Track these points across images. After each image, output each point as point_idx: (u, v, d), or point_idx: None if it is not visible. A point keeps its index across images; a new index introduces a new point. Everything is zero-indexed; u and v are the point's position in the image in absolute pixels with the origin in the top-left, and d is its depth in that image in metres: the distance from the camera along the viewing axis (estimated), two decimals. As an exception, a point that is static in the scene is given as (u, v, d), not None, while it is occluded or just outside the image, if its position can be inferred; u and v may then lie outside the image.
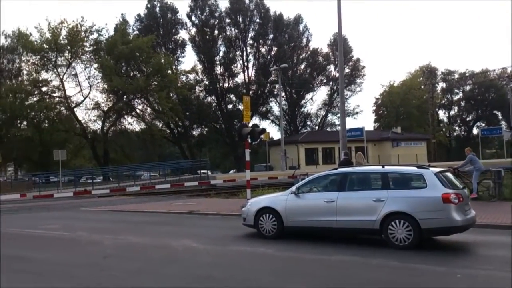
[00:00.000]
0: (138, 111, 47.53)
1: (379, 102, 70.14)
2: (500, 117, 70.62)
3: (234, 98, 56.05)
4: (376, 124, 69.97)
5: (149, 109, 47.75)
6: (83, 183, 33.71)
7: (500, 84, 66.09)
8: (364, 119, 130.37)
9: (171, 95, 46.01)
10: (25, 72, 44.17)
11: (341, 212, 8.88)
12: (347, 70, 57.17)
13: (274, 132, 59.20)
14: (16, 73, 44.53)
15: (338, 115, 50.18)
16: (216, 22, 54.39)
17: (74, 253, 8.96)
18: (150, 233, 11.25)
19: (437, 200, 8.21)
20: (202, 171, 36.43)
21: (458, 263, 7.38)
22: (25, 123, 42.29)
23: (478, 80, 61.73)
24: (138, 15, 53.48)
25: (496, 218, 10.93)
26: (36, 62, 42.78)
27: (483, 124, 69.83)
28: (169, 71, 46.55)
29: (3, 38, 44.38)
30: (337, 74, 49.47)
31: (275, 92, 54.78)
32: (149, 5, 53.52)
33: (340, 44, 21.11)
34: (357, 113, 61.47)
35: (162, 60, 44.61)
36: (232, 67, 55.13)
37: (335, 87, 57.38)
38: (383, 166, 9.59)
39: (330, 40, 58.71)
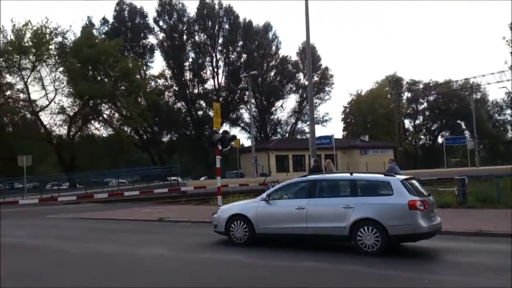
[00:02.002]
0: (105, 116, 46.64)
1: (347, 110, 71.52)
2: (463, 126, 73.19)
3: (204, 104, 55.93)
4: (345, 132, 71.27)
5: (117, 115, 46.92)
6: (49, 190, 32.71)
7: (463, 95, 68.64)
8: (333, 127, 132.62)
9: (140, 100, 45.36)
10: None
11: (311, 219, 8.98)
12: (316, 79, 58.02)
13: (245, 139, 59.36)
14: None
15: (308, 122, 50.98)
16: (184, 28, 54.13)
17: (40, 261, 8.71)
18: (118, 241, 11.07)
19: (404, 207, 8.41)
20: (172, 177, 36.07)
21: (426, 268, 7.57)
22: (-14, 126, 40.77)
23: (442, 90, 63.88)
24: (104, 18, 52.82)
25: (461, 225, 11.29)
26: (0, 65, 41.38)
27: (447, 134, 72.20)
28: (138, 76, 45.97)
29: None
30: (306, 82, 49.97)
31: (245, 99, 54.98)
32: (117, 8, 52.81)
33: (308, 53, 21.49)
34: (326, 120, 62.47)
35: (130, 65, 43.95)
36: (202, 73, 55.07)
37: (304, 95, 58.08)
38: (351, 174, 9.80)
39: (299, 48, 59.64)
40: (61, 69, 42.36)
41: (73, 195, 25.04)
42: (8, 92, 41.61)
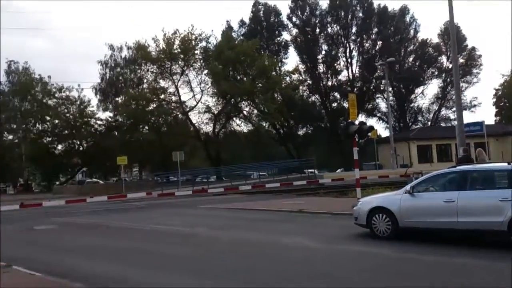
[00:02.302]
0: (245, 113, 49.35)
1: (499, 93, 63.91)
2: None
3: (338, 96, 55.35)
4: (497, 117, 63.89)
5: (255, 111, 49.30)
6: (199, 182, 35.92)
7: None
8: (483, 112, 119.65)
9: (276, 96, 46.96)
10: (145, 81, 48.50)
11: (462, 213, 8.43)
12: (461, 60, 52.94)
13: (382, 129, 57.04)
14: (138, 82, 49.02)
15: (453, 109, 46.94)
16: (317, 21, 54.15)
17: (193, 248, 9.66)
18: (264, 230, 11.71)
19: None
20: (309, 170, 36.60)
21: None
22: (146, 127, 46.31)
23: None
24: (241, 20, 55.39)
25: None
26: (154, 71, 46.81)
27: None
28: (273, 73, 47.56)
29: (125, 50, 49.19)
30: (450, 65, 46.21)
31: (382, 88, 52.90)
32: (253, 9, 55.15)
33: (452, 33, 19.82)
34: (474, 105, 56.60)
35: (266, 62, 45.73)
36: (335, 64, 54.47)
37: (448, 79, 53.62)
38: (509, 163, 8.89)
39: (441, 29, 55.02)
40: (205, 71, 46.14)
41: (221, 187, 27.10)
42: (162, 96, 46.68)
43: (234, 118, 49.12)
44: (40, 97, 48.10)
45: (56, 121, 48.51)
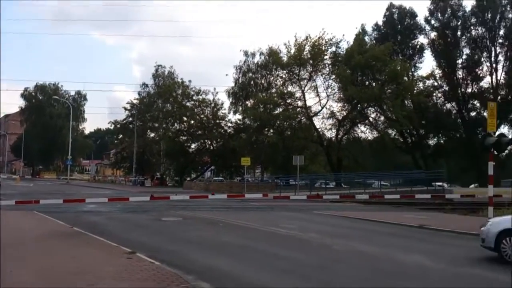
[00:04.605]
0: (371, 119, 47.79)
1: None
2: None
3: (478, 105, 50.39)
4: None
5: (382, 117, 47.45)
6: (317, 188, 35.80)
7: None
8: None
9: (406, 102, 44.62)
10: (274, 85, 49.92)
11: None
12: None
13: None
14: (267, 86, 50.69)
15: None
16: (459, 23, 50.09)
17: (306, 254, 9.65)
18: (378, 243, 11.22)
19: None
20: (438, 183, 34.01)
21: None
22: (271, 130, 47.63)
23: None
24: (376, 24, 53.75)
25: None
26: (283, 76, 47.99)
27: None
28: (405, 78, 45.29)
29: (258, 55, 51.25)
30: None
31: (532, 96, 46.84)
32: (387, 13, 53.26)
33: None
34: None
35: (398, 67, 43.75)
36: (477, 70, 49.73)
37: None
38: None
39: None
40: (333, 76, 45.78)
41: (337, 194, 26.59)
42: (289, 100, 47.55)
43: (359, 124, 47.88)
44: (180, 99, 52.58)
45: (192, 122, 52.66)
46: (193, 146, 55.15)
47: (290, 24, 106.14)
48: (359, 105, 45.42)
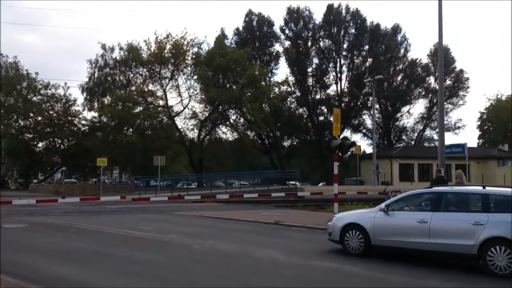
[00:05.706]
0: (231, 121, 49.14)
1: (485, 117, 64.87)
2: None
3: (325, 110, 55.49)
4: (480, 140, 64.76)
5: (242, 119, 49.12)
6: (179, 188, 35.49)
7: None
8: (467, 134, 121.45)
9: (264, 106, 46.89)
10: (134, 83, 48.02)
11: (434, 234, 8.34)
12: (448, 82, 53.83)
13: (367, 145, 57.38)
14: (126, 83, 48.54)
15: (437, 130, 47.41)
16: (309, 34, 54.46)
17: (164, 256, 9.40)
18: (236, 241, 11.47)
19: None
20: (291, 182, 36.43)
21: None
22: (131, 130, 45.79)
23: None
24: (237, 29, 55.44)
25: None
26: (144, 74, 46.41)
27: None
28: (263, 83, 47.53)
29: (117, 50, 48.76)
30: (437, 86, 46.67)
31: (369, 105, 53.27)
32: (247, 19, 55.25)
33: (440, 55, 19.97)
34: (458, 127, 57.35)
35: (257, 72, 45.70)
36: (325, 78, 54.72)
37: (434, 100, 54.27)
38: (484, 187, 8.84)
39: (430, 50, 55.92)
40: (195, 77, 45.84)
41: (198, 194, 26.72)
42: (150, 99, 46.25)
43: (220, 126, 48.86)
44: (25, 93, 47.31)
45: (39, 118, 47.79)
46: (40, 145, 50.14)
47: (152, 21, 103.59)
48: (220, 107, 46.33)
